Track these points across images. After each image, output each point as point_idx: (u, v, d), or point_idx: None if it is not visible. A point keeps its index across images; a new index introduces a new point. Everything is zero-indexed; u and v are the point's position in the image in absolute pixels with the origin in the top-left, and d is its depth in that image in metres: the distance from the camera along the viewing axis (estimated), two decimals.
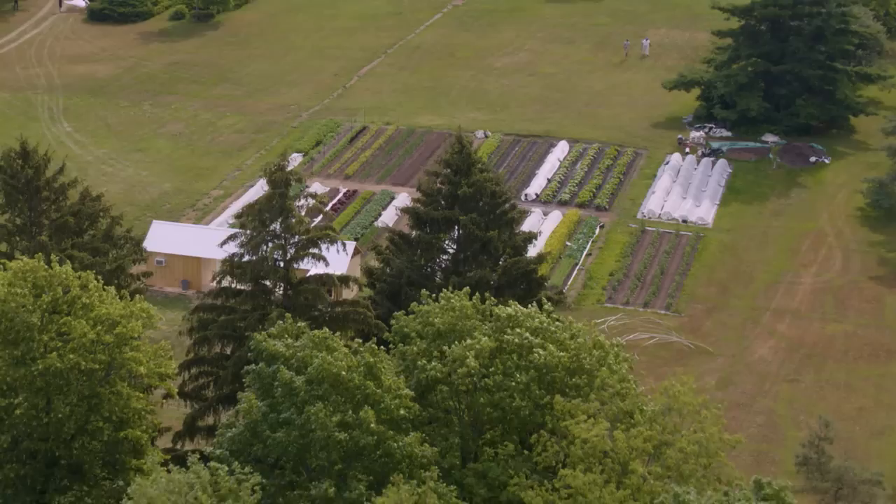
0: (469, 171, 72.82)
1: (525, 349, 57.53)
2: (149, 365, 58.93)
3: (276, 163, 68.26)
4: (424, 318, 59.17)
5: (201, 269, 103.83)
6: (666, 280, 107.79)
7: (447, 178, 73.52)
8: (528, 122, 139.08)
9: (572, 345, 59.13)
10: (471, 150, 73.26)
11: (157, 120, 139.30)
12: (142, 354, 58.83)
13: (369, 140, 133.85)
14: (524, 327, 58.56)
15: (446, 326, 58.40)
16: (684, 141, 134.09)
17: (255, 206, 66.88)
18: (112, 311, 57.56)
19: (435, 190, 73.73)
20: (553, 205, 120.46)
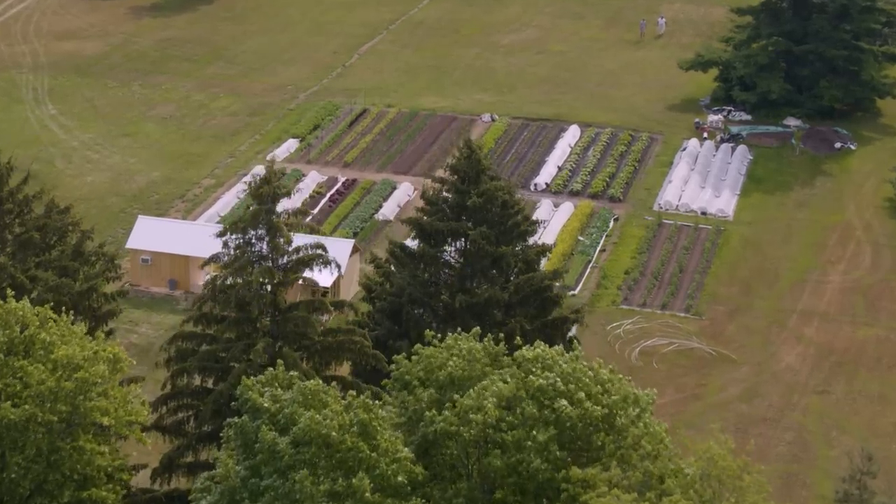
0: (478, 178, 66.12)
1: (550, 396, 50.35)
2: (117, 413, 52.30)
3: (261, 176, 61.32)
4: (427, 362, 52.37)
5: (189, 268, 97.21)
6: (685, 279, 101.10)
7: (454, 187, 66.76)
8: (537, 104, 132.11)
9: (606, 400, 52.04)
10: (480, 156, 66.37)
11: (146, 101, 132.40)
12: (108, 401, 52.15)
13: (370, 124, 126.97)
14: (553, 371, 51.36)
15: (460, 373, 51.50)
16: (702, 125, 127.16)
17: (239, 224, 60.15)
18: (74, 353, 50.88)
19: (440, 199, 66.94)
20: (564, 195, 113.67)
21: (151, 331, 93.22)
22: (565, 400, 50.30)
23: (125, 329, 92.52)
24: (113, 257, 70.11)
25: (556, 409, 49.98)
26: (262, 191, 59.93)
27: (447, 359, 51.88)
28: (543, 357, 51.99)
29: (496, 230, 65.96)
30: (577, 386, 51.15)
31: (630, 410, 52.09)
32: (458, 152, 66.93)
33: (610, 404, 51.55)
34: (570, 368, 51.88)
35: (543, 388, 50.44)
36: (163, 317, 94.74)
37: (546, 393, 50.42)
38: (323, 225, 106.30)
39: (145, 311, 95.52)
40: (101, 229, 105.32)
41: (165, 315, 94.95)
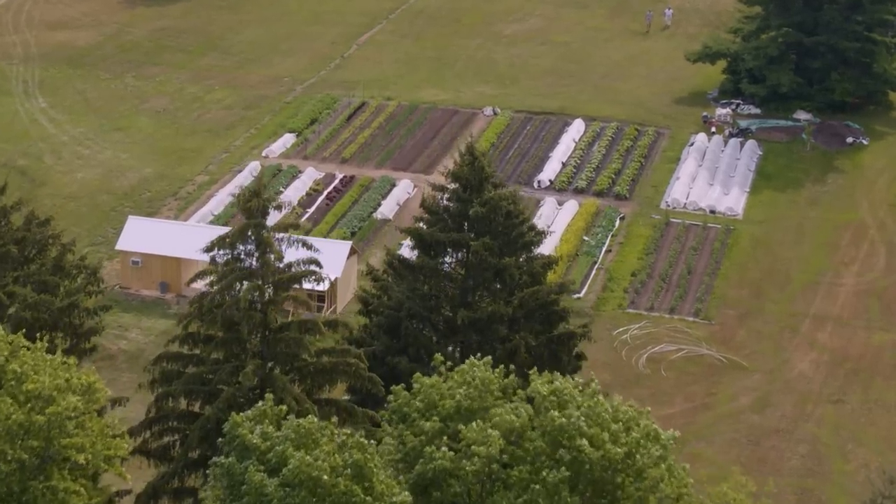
0: (481, 186, 62.71)
1: (570, 436, 46.65)
2: (94, 447, 48.96)
3: (250, 189, 57.95)
4: (428, 394, 48.89)
5: (181, 271, 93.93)
6: (693, 281, 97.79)
7: (456, 195, 63.36)
8: (541, 97, 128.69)
9: (625, 438, 48.46)
10: (483, 163, 62.94)
11: (139, 94, 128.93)
12: (85, 434, 48.79)
13: (368, 118, 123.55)
14: (570, 406, 47.73)
15: (468, 403, 47.94)
16: (710, 119, 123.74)
17: (226, 239, 56.79)
18: (46, 385, 47.54)
19: (441, 208, 63.54)
20: (568, 193, 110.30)
21: (141, 336, 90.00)
22: (586, 440, 46.72)
23: (114, 334, 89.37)
24: (95, 270, 66.86)
25: (574, 450, 46.34)
26: (251, 204, 56.51)
27: (455, 388, 48.37)
28: (560, 392, 48.46)
29: (500, 241, 62.61)
30: (596, 424, 47.57)
31: (651, 450, 48.64)
32: (459, 158, 63.39)
33: (630, 443, 48.12)
34: (589, 404, 48.33)
35: (564, 427, 46.90)
36: (153, 321, 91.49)
37: (566, 432, 46.86)
38: (320, 224, 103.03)
39: (135, 315, 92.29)
40: (90, 229, 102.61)
41: (156, 319, 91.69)
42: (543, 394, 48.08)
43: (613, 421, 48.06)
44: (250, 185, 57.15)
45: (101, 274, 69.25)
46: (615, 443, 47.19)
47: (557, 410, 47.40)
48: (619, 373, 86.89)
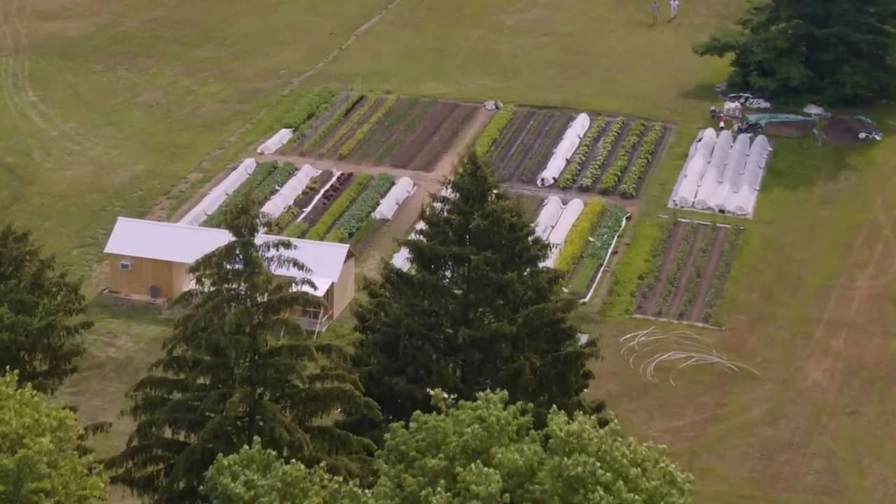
0: (483, 197, 59.35)
1: (586, 485, 43.28)
2: (67, 489, 45.65)
3: (238, 205, 54.60)
4: (430, 434, 45.51)
5: (172, 275, 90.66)
6: (703, 284, 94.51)
7: (457, 207, 60.00)
8: (544, 90, 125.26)
9: (644, 484, 45.08)
10: (486, 172, 59.56)
11: (132, 87, 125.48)
12: (57, 477, 45.48)
13: (367, 112, 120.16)
14: (589, 450, 44.30)
15: (477, 444, 44.44)
16: (718, 114, 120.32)
17: (212, 258, 53.49)
18: (14, 426, 44.23)
19: (441, 220, 60.17)
20: (573, 191, 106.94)
21: (131, 343, 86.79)
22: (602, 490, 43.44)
23: (102, 341, 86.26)
24: (76, 287, 63.57)
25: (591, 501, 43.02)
26: (239, 222, 53.19)
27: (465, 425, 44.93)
28: (579, 434, 45.03)
29: (503, 255, 59.26)
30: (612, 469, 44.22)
31: (675, 499, 45.28)
32: (461, 167, 60.01)
33: (650, 490, 44.83)
34: (605, 447, 44.98)
35: (581, 476, 43.60)
36: (143, 327, 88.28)
37: (581, 480, 43.56)
38: (316, 224, 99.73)
39: (125, 320, 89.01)
40: (79, 230, 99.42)
41: (146, 325, 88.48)
42: (561, 437, 44.73)
43: (632, 465, 44.79)
44: (238, 201, 53.12)
45: (81, 291, 65.65)
46: (634, 490, 43.92)
47: (575, 455, 44.02)
48: (627, 382, 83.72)
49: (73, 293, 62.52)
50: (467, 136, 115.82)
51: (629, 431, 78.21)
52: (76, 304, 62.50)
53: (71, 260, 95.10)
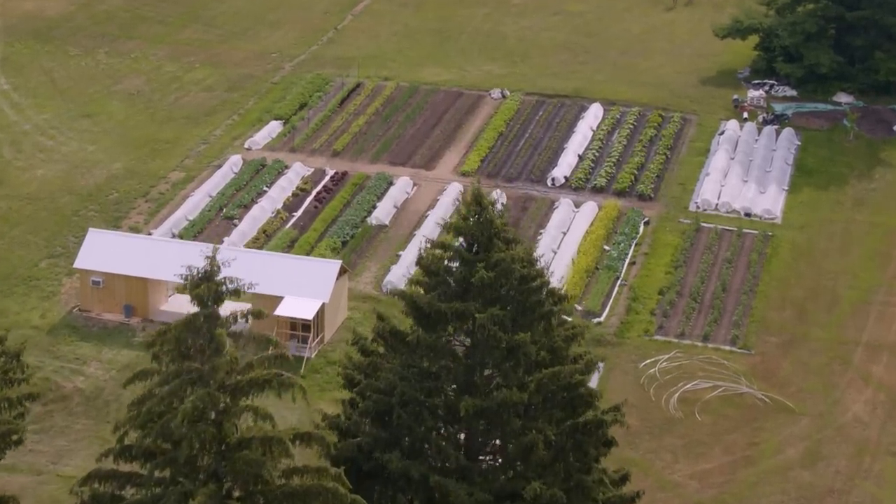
0: (490, 243, 51.01)
1: None
2: None
3: (201, 271, 46.28)
4: None
5: (148, 292, 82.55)
6: (729, 301, 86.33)
7: (459, 254, 51.68)
8: (554, 76, 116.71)
9: None
10: (493, 215, 51.21)
11: (112, 74, 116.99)
12: None
13: (364, 102, 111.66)
14: None
15: None
16: (741, 103, 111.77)
17: (170, 332, 45.34)
18: None
19: (442, 268, 51.85)
20: (586, 192, 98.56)
21: (101, 371, 78.71)
22: None
23: (70, 369, 78.38)
24: (18, 353, 55.35)
25: None
26: (201, 291, 44.97)
27: None
28: None
29: (512, 310, 50.97)
30: None
31: None
32: (464, 208, 51.64)
33: None
34: None
35: None
36: (115, 352, 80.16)
37: None
38: (307, 232, 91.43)
39: (95, 344, 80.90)
40: (49, 238, 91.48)
41: (119, 350, 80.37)
42: None
43: None
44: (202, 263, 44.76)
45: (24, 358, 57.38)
46: None
47: None
48: (648, 416, 75.72)
49: (15, 360, 54.38)
50: (471, 128, 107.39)
51: (651, 476, 70.55)
52: (17, 373, 54.33)
53: (39, 273, 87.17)
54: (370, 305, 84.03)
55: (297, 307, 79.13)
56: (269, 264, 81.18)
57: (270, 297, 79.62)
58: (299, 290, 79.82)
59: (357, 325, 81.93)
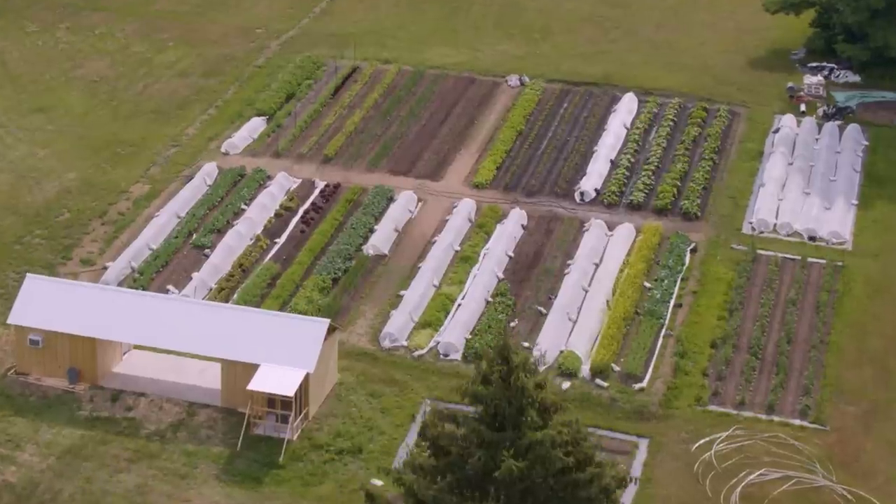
0: (520, 416, 36.51)
1: None
2: None
3: None
4: None
5: (97, 355, 68.20)
6: (796, 356, 71.91)
7: (477, 433, 37.22)
8: (580, 58, 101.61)
9: None
10: (523, 380, 36.66)
11: (72, 55, 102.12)
12: None
13: (360, 91, 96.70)
14: None
15: None
16: (797, 92, 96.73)
17: None
18: None
19: (455, 448, 37.33)
20: (621, 210, 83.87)
21: (37, 458, 64.53)
22: None
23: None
24: None
25: None
26: None
27: None
28: None
29: None
30: None
31: None
32: (485, 365, 37.05)
33: None
34: None
35: None
36: (57, 430, 65.92)
37: None
38: (291, 266, 76.85)
39: (32, 419, 66.69)
40: None
41: (61, 427, 66.15)
42: None
43: None
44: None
45: None
46: None
47: None
48: None
49: None
50: (485, 125, 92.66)
51: None
52: None
53: None
54: (365, 365, 70.04)
55: (275, 380, 64.89)
56: (242, 323, 66.87)
57: (244, 364, 65.52)
58: (278, 357, 65.58)
59: (348, 391, 67.87)
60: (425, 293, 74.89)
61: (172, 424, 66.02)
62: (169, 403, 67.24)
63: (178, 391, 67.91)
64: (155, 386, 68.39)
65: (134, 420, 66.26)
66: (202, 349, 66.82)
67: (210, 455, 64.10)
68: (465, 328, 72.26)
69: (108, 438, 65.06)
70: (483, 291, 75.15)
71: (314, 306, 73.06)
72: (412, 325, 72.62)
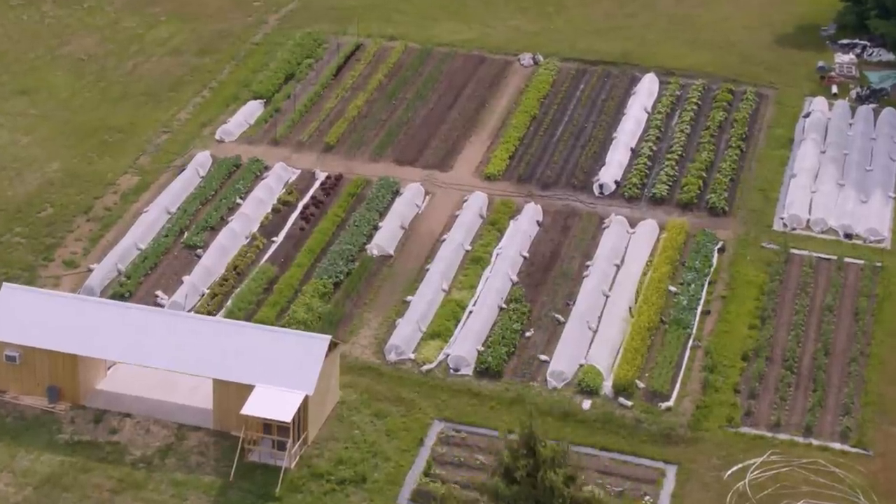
0: None
1: None
2: None
3: None
4: None
5: (78, 372, 62.92)
6: (834, 369, 66.62)
7: None
8: (596, 34, 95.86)
9: None
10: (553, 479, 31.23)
11: (59, 31, 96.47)
12: None
13: (364, 72, 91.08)
14: None
15: None
16: (828, 72, 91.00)
17: None
18: None
19: None
20: (642, 204, 78.35)
21: (13, 488, 59.56)
22: None
23: None
24: None
25: None
26: None
27: None
28: None
29: None
30: None
31: None
32: (508, 456, 31.63)
33: None
34: None
35: None
36: (35, 456, 60.85)
37: None
38: (289, 269, 71.41)
39: (8, 443, 61.62)
40: None
41: (40, 452, 61.06)
42: None
43: None
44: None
45: None
46: None
47: None
48: None
49: None
50: (497, 108, 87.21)
51: None
52: None
53: None
54: (369, 381, 64.79)
55: (271, 404, 59.65)
56: (236, 339, 61.55)
57: (237, 385, 60.27)
58: (275, 377, 60.33)
59: (351, 411, 62.62)
60: (433, 299, 69.54)
61: (160, 449, 60.90)
62: (156, 425, 62.10)
63: (166, 411, 62.74)
64: (142, 405, 63.19)
65: (118, 445, 61.12)
66: (192, 368, 61.51)
67: (201, 485, 58.99)
68: (477, 339, 66.96)
69: (90, 465, 59.97)
70: (496, 297, 69.79)
71: (314, 315, 67.79)
72: (420, 336, 67.32)
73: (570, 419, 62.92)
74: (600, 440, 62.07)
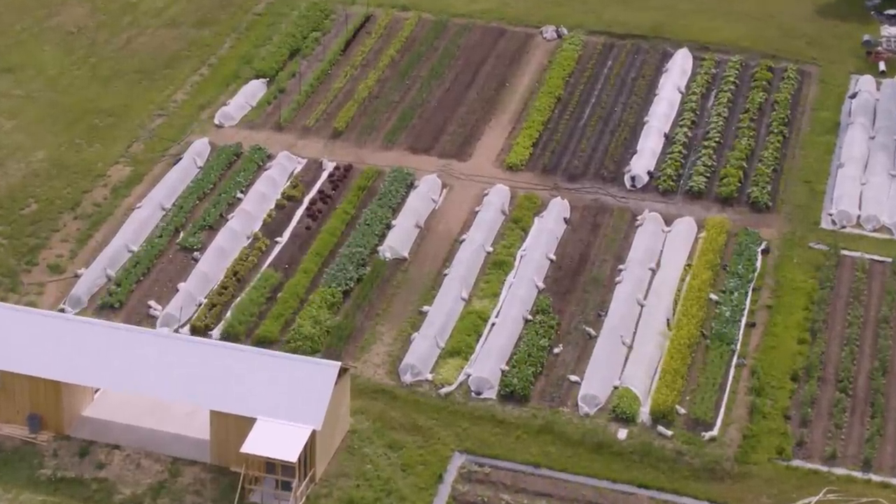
0: None
1: None
2: None
3: None
4: None
5: (62, 399, 57.06)
6: (892, 390, 60.74)
7: None
8: (624, 5, 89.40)
9: None
10: None
11: (47, 1, 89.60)
12: None
13: (375, 47, 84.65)
14: None
15: None
16: (874, 46, 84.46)
17: None
18: None
19: None
20: (677, 198, 72.09)
21: None
22: None
23: None
24: None
25: None
26: None
27: None
28: None
29: None
30: None
31: None
32: None
33: None
34: None
35: None
36: (14, 495, 55.38)
37: None
38: (295, 276, 65.33)
39: None
40: None
41: (19, 490, 55.57)
42: None
43: None
44: None
45: None
46: None
47: None
48: None
49: None
50: (519, 88, 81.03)
51: None
52: None
53: None
54: (382, 406, 58.93)
55: (274, 440, 53.86)
56: (236, 366, 55.63)
57: (237, 418, 54.41)
58: (279, 409, 54.50)
59: (363, 442, 56.79)
60: (452, 309, 63.53)
61: (152, 487, 55.25)
62: (148, 459, 56.41)
63: (159, 442, 57.01)
64: (132, 435, 57.43)
65: (106, 482, 55.48)
66: (187, 397, 55.68)
67: None
68: (501, 357, 60.98)
69: None
70: (521, 307, 63.71)
71: (321, 329, 61.84)
72: (437, 353, 61.36)
73: (604, 451, 57.19)
74: (637, 476, 56.27)
